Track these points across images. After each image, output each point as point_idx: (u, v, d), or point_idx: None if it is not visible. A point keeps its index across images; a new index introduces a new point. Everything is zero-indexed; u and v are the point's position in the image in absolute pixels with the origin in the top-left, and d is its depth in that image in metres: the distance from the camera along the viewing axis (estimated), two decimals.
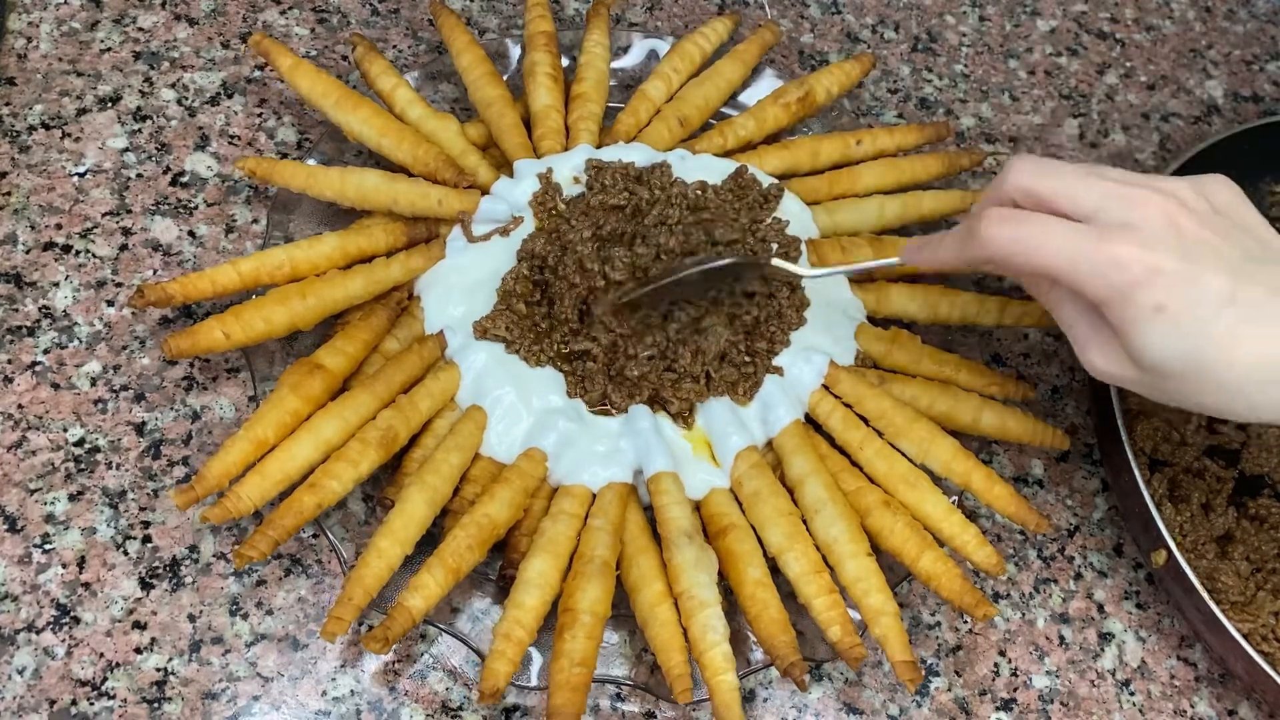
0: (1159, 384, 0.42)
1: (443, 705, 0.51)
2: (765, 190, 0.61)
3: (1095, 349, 0.43)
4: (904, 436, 0.55)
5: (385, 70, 0.61)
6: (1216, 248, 0.40)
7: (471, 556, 0.48)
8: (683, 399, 0.55)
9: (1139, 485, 0.54)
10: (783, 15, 0.77)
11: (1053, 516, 0.62)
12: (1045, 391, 0.65)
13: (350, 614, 0.46)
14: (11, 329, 0.56)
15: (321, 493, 0.49)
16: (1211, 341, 0.40)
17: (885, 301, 0.60)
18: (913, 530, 0.52)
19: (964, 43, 0.79)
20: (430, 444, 0.53)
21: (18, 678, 0.48)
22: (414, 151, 0.58)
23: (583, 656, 0.46)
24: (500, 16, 0.72)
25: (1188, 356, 0.40)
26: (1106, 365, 0.43)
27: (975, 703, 0.55)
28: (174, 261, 0.59)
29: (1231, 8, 0.86)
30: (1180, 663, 0.59)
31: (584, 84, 0.63)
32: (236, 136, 0.64)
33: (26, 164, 0.60)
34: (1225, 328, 0.40)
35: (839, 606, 0.49)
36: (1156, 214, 0.40)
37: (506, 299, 0.56)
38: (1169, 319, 0.39)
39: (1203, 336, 0.40)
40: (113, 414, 0.55)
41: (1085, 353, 0.44)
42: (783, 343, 0.57)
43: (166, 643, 0.50)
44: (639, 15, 0.75)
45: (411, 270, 0.57)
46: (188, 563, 0.52)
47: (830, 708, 0.54)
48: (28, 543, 0.51)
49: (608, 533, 0.50)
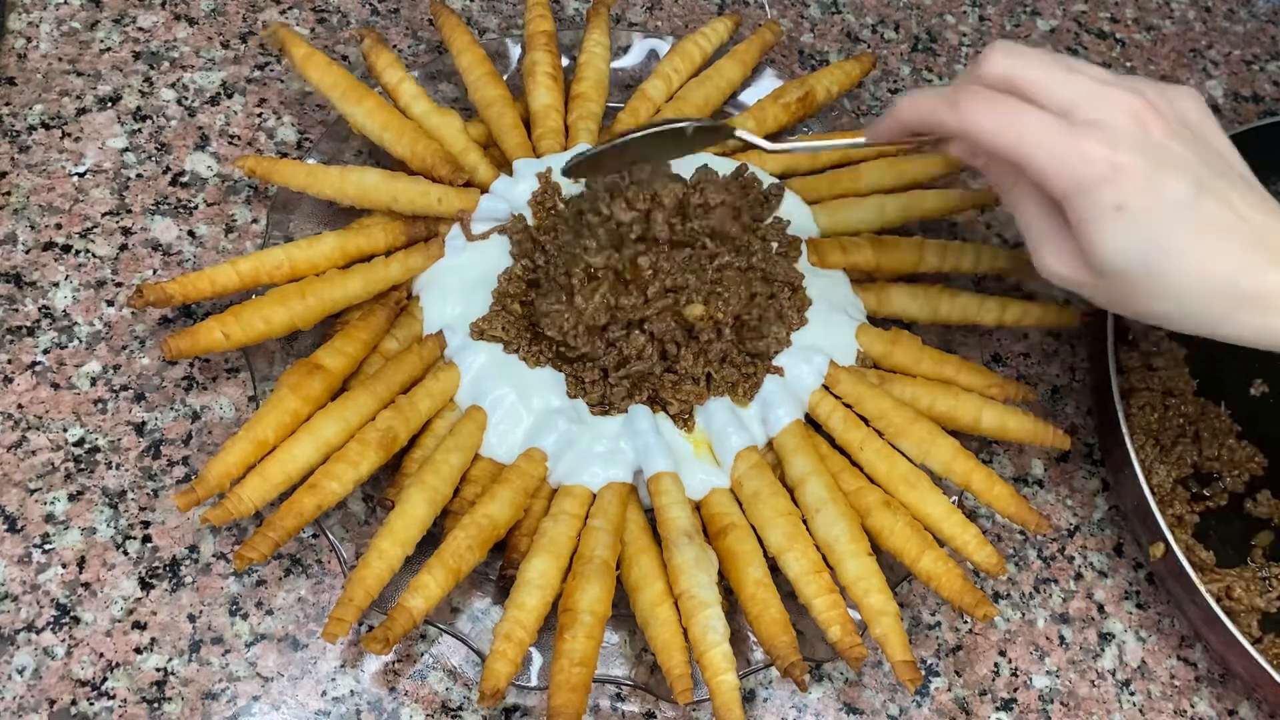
0: (1108, 287, 0.43)
1: (443, 705, 0.51)
2: (766, 189, 0.61)
3: (1050, 250, 0.44)
4: (904, 436, 0.55)
5: (391, 64, 0.61)
6: (1181, 155, 0.41)
7: (472, 557, 0.48)
8: (683, 400, 0.55)
9: (1139, 477, 0.54)
10: (783, 15, 0.77)
11: (1053, 516, 0.62)
12: (1045, 391, 0.65)
13: (351, 615, 0.46)
14: (11, 329, 0.56)
15: (321, 494, 0.49)
16: (1165, 247, 0.40)
17: (885, 301, 0.60)
18: (913, 530, 0.52)
19: (964, 43, 0.79)
20: (430, 444, 0.53)
21: (18, 678, 0.48)
22: (413, 147, 0.58)
23: (583, 656, 0.46)
24: (500, 16, 0.72)
25: (1141, 259, 0.41)
26: (1059, 266, 0.43)
27: (975, 703, 0.55)
28: (174, 261, 0.59)
29: (1231, 8, 0.86)
30: (1180, 663, 0.59)
31: (584, 84, 0.63)
32: (236, 136, 0.64)
33: (26, 164, 0.60)
34: (1180, 235, 0.40)
35: (839, 606, 0.49)
36: (1127, 114, 0.41)
37: (502, 299, 0.56)
38: (1128, 218, 0.40)
39: (1158, 240, 0.40)
40: (113, 414, 0.55)
41: (1039, 253, 0.44)
42: (783, 342, 0.57)
43: (166, 643, 0.50)
44: (639, 15, 0.75)
45: (410, 269, 0.57)
46: (188, 563, 0.52)
47: (830, 708, 0.54)
48: (28, 543, 0.51)
49: (608, 533, 0.50)
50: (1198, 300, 0.41)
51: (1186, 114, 0.43)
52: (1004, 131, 0.41)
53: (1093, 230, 0.41)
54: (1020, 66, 0.43)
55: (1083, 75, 0.42)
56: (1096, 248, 0.41)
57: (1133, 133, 0.41)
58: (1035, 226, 0.44)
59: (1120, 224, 0.40)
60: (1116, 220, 0.40)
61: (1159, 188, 0.40)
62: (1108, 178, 0.40)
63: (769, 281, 0.58)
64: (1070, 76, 0.42)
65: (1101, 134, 0.40)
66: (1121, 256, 0.41)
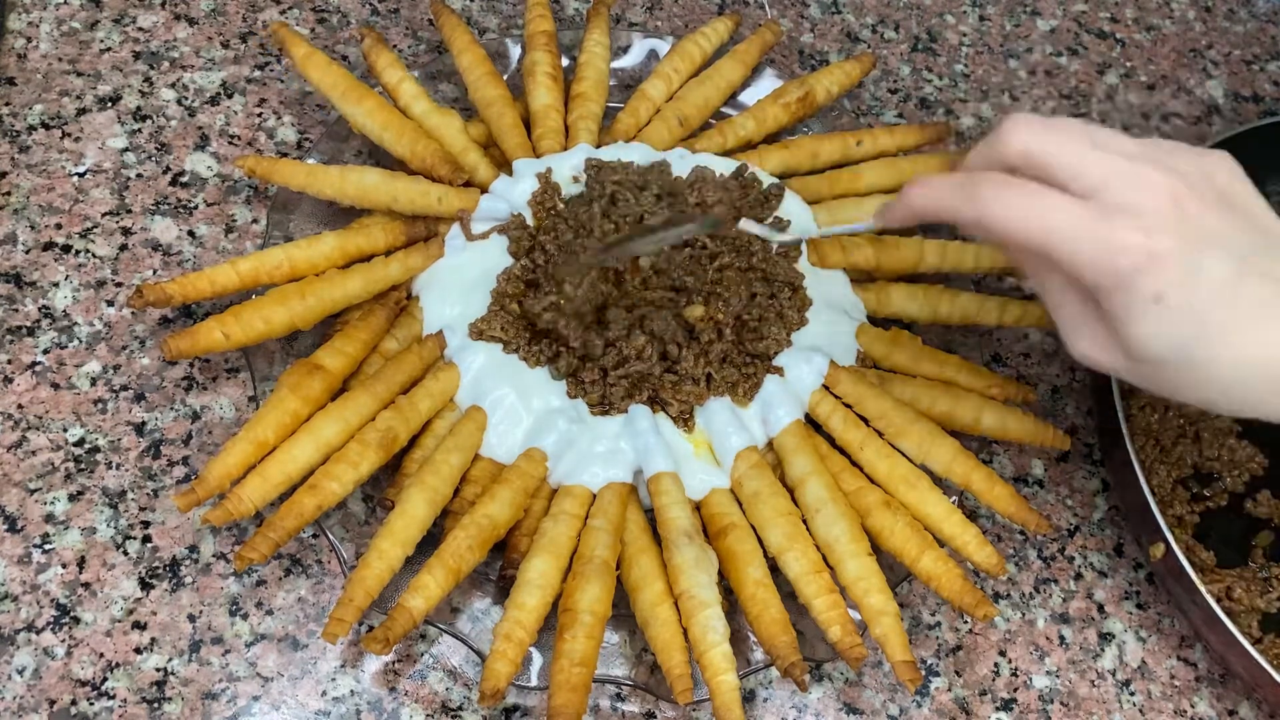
0: (1147, 373, 0.41)
1: (443, 705, 0.51)
2: (766, 189, 0.61)
3: (1084, 335, 0.42)
4: (904, 437, 0.55)
5: (391, 63, 0.61)
6: (1220, 233, 0.39)
7: (472, 557, 0.48)
8: (683, 401, 0.55)
9: (1139, 477, 0.54)
10: (783, 15, 0.77)
11: (1053, 516, 0.62)
12: (1045, 391, 0.65)
13: (352, 615, 0.46)
14: (11, 329, 0.56)
15: (322, 494, 0.49)
16: (1206, 334, 0.39)
17: (885, 302, 0.60)
18: (913, 530, 0.52)
19: (964, 42, 0.79)
20: (430, 445, 0.53)
21: (18, 678, 0.48)
22: (413, 147, 0.58)
23: (583, 656, 0.46)
24: (500, 16, 0.72)
25: (1181, 348, 0.39)
26: (1094, 352, 0.42)
27: (975, 703, 0.55)
28: (174, 261, 0.59)
29: (1231, 8, 0.86)
30: (1180, 663, 0.59)
31: (584, 84, 0.63)
32: (236, 136, 0.64)
33: (26, 164, 0.60)
34: (1221, 320, 0.38)
35: (839, 606, 0.49)
36: (1162, 195, 0.39)
37: (500, 299, 0.56)
38: (1166, 309, 0.38)
39: (1199, 328, 0.38)
40: (113, 414, 0.55)
41: (1072, 338, 0.42)
42: (783, 343, 0.57)
43: (166, 643, 0.50)
44: (639, 15, 0.75)
45: (410, 269, 0.57)
46: (188, 563, 0.52)
47: (830, 708, 0.54)
48: (28, 543, 0.51)
49: (608, 533, 0.50)
50: (1242, 386, 0.40)
51: (1221, 184, 0.41)
52: (1029, 224, 0.39)
53: (1132, 323, 0.39)
54: (1042, 143, 0.40)
55: (1110, 154, 0.40)
56: (1136, 340, 0.39)
57: (1168, 214, 0.38)
58: (1067, 312, 0.42)
59: (1160, 315, 0.38)
60: (1156, 311, 0.38)
61: (1197, 272, 0.38)
62: (1144, 267, 0.38)
63: (769, 282, 0.58)
64: (1098, 156, 0.39)
65: (1136, 220, 0.38)
66: (1160, 346, 0.39)
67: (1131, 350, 0.40)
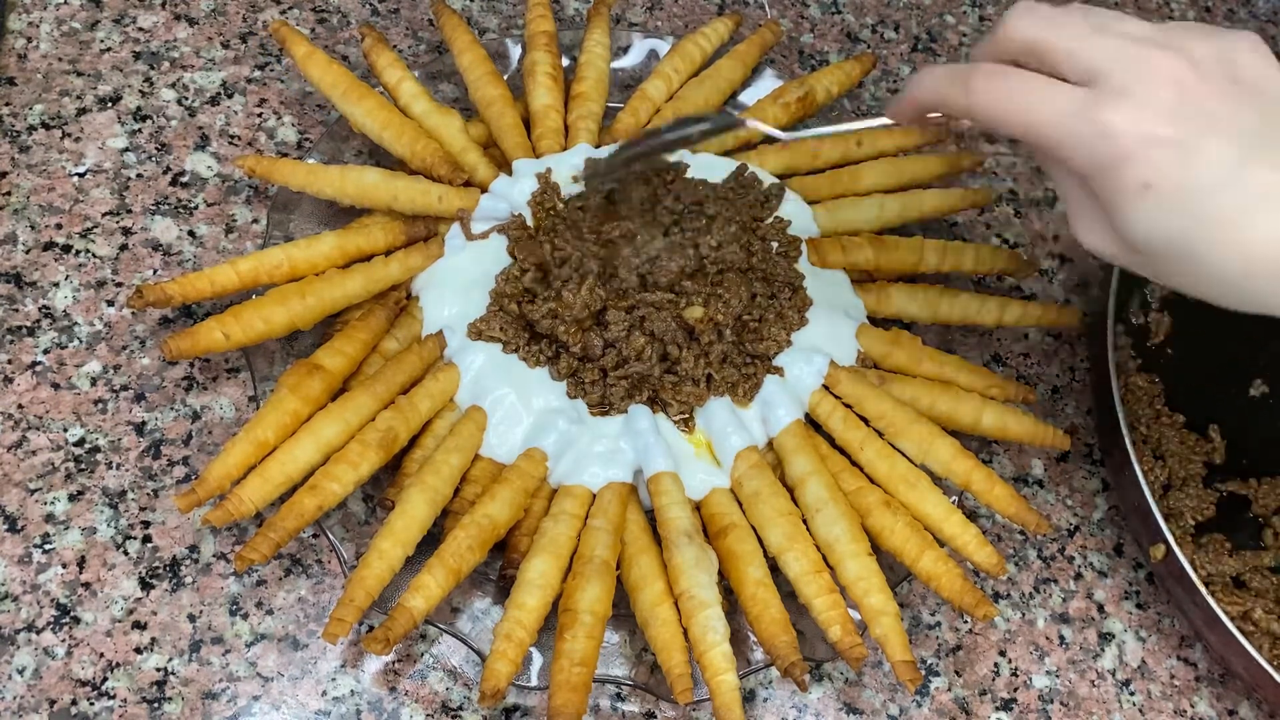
0: (1151, 265, 0.39)
1: (443, 705, 0.51)
2: (767, 189, 0.61)
3: (1084, 223, 0.40)
4: (904, 437, 0.55)
5: (392, 63, 0.61)
6: (1225, 117, 0.37)
7: (472, 557, 0.48)
8: (683, 401, 0.55)
9: (1139, 477, 0.54)
10: (783, 15, 0.77)
11: (1053, 516, 0.62)
12: (1045, 391, 0.65)
13: (352, 615, 0.46)
14: (11, 329, 0.56)
15: (322, 494, 0.49)
16: (1204, 224, 0.37)
17: (885, 301, 0.60)
18: (913, 530, 0.52)
19: (964, 43, 0.79)
20: (430, 445, 0.53)
21: (18, 678, 0.48)
22: (413, 146, 0.58)
23: (583, 656, 0.46)
24: (500, 16, 0.72)
25: (1176, 238, 0.37)
26: (1096, 241, 0.40)
27: (975, 703, 0.55)
28: (174, 261, 0.59)
29: (1231, 8, 0.86)
30: (1180, 663, 0.59)
31: (584, 84, 0.63)
32: (236, 136, 0.64)
33: (26, 164, 0.60)
34: (1223, 210, 0.36)
35: (839, 606, 0.49)
36: (1162, 79, 0.37)
37: (499, 299, 0.56)
38: (1155, 197, 0.36)
39: (1194, 218, 0.36)
40: (113, 414, 0.55)
41: (1077, 226, 0.41)
42: (783, 343, 0.57)
43: (166, 643, 0.50)
44: (639, 15, 0.75)
45: (410, 269, 0.57)
46: (188, 563, 0.52)
47: (830, 708, 0.54)
48: (28, 543, 0.51)
49: (608, 533, 0.50)
50: (1244, 279, 0.37)
51: (1242, 66, 0.38)
52: (1016, 113, 0.38)
53: (1121, 211, 0.38)
54: (1044, 30, 0.38)
55: (1115, 36, 0.38)
56: (1127, 229, 0.38)
57: (1166, 100, 0.36)
58: (1070, 197, 0.41)
59: (1148, 203, 0.37)
60: (1143, 199, 0.37)
61: (1193, 161, 0.36)
62: (1131, 154, 0.36)
63: (769, 282, 0.58)
64: (1100, 39, 0.38)
65: (1128, 105, 0.36)
66: (1153, 236, 0.37)
67: (1127, 239, 0.39)
